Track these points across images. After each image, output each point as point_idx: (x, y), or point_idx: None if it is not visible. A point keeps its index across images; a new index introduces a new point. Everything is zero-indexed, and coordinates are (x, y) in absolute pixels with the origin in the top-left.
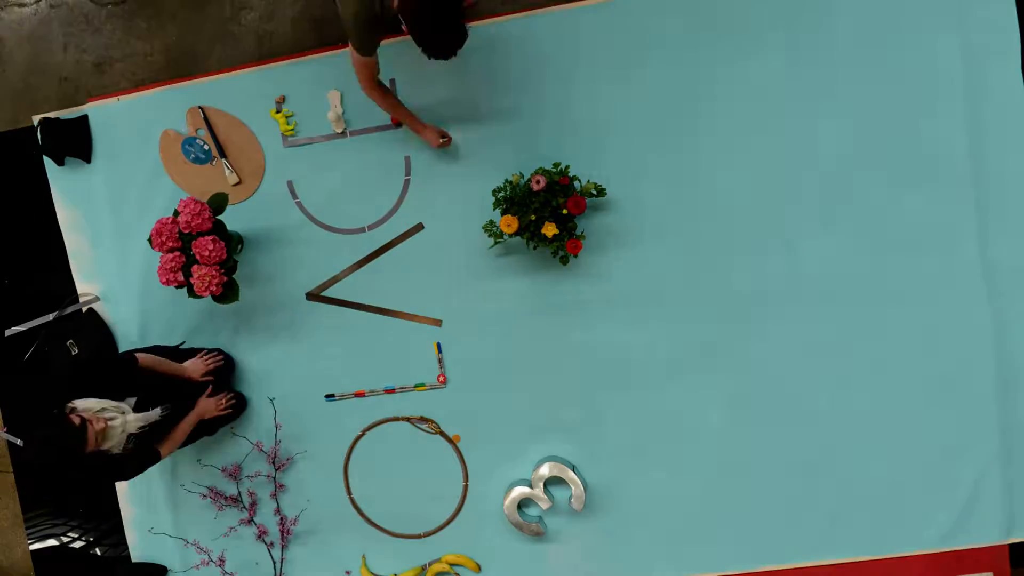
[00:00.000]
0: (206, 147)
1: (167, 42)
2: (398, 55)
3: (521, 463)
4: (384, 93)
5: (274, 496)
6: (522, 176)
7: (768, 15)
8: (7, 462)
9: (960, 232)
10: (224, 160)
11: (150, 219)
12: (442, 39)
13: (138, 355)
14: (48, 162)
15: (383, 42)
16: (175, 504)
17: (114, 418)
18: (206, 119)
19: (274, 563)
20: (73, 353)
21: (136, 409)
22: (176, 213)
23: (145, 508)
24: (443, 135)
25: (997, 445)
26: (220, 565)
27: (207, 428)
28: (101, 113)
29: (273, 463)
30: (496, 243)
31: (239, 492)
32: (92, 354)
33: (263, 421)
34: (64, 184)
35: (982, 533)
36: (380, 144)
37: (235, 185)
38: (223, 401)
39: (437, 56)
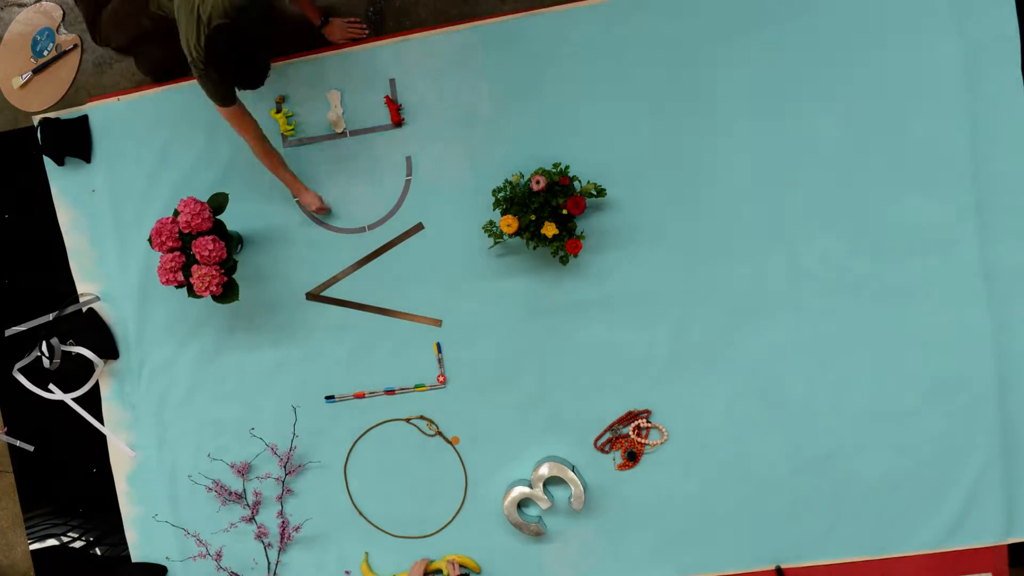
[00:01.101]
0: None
1: None
2: (398, 55)
3: (521, 463)
4: (268, 151)
5: (280, 499)
6: (522, 176)
7: (768, 16)
8: (7, 462)
9: (960, 232)
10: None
11: (150, 219)
12: (247, 73)
13: None
14: (48, 162)
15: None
16: (176, 498)
17: None
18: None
19: (269, 564)
20: (73, 354)
21: None
22: (176, 213)
23: (147, 503)
24: (322, 201)
25: (997, 445)
26: (217, 559)
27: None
28: (101, 113)
29: (284, 467)
30: (496, 243)
31: (244, 490)
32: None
33: (280, 425)
34: (64, 184)
35: (981, 533)
36: (380, 144)
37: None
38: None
39: (245, 87)
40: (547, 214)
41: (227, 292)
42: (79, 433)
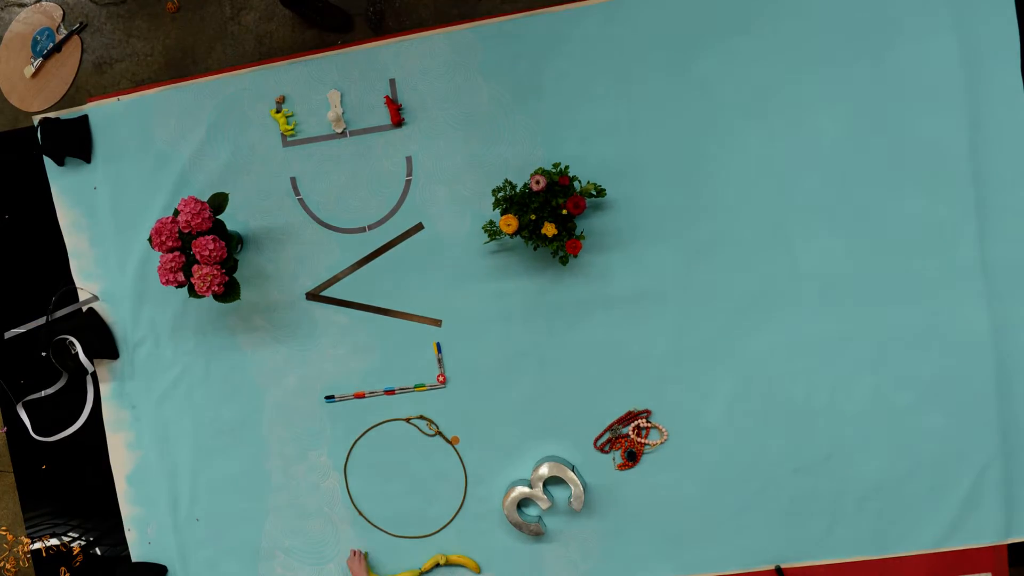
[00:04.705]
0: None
1: (167, 42)
2: (398, 55)
3: (521, 463)
4: None
5: None
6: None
7: (768, 16)
8: (7, 462)
9: (960, 232)
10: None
11: (150, 219)
12: None
13: None
14: (48, 162)
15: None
16: (176, 497)
17: None
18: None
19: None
20: (73, 352)
21: None
22: (176, 213)
23: (147, 503)
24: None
25: (996, 445)
26: None
27: None
28: (101, 113)
29: None
30: (491, 240)
31: None
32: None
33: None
34: (64, 184)
35: (981, 533)
36: (380, 144)
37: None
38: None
39: None
40: (547, 214)
41: (228, 291)
42: (78, 432)
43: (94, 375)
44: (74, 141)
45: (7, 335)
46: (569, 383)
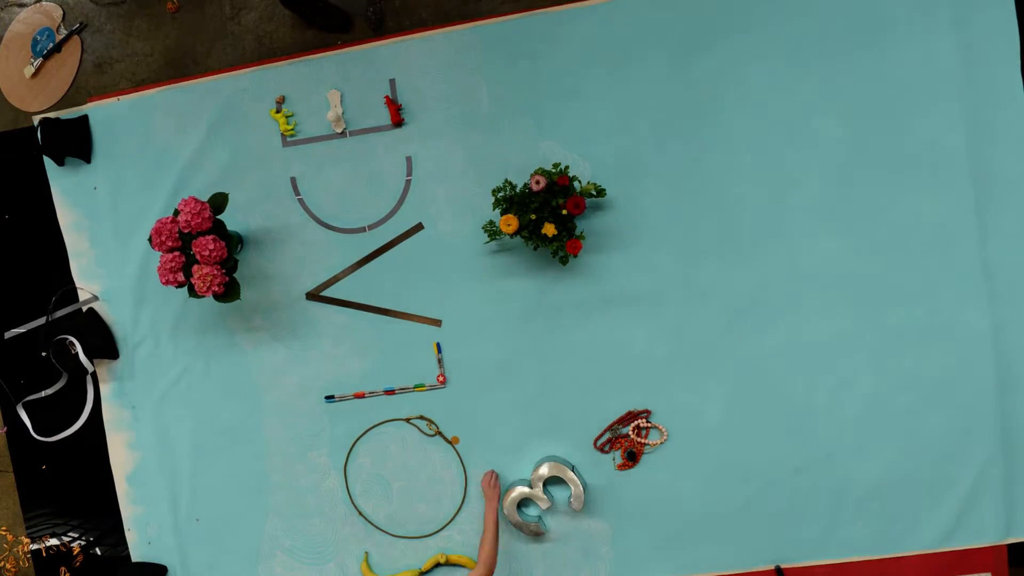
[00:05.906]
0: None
1: (167, 42)
2: (398, 55)
3: (521, 463)
4: None
5: None
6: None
7: (767, 16)
8: (7, 462)
9: (960, 232)
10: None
11: (150, 219)
12: None
13: None
14: (48, 162)
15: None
16: (176, 497)
17: None
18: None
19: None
20: (73, 352)
21: None
22: (176, 213)
23: (147, 503)
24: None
25: (996, 445)
26: None
27: None
28: (101, 113)
29: None
30: (492, 239)
31: None
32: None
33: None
34: (64, 184)
35: (981, 533)
36: (380, 144)
37: (31, 77)
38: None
39: None
40: (547, 214)
41: (228, 291)
42: (79, 433)
43: (94, 375)
44: (74, 141)
45: (7, 335)
46: (569, 383)
